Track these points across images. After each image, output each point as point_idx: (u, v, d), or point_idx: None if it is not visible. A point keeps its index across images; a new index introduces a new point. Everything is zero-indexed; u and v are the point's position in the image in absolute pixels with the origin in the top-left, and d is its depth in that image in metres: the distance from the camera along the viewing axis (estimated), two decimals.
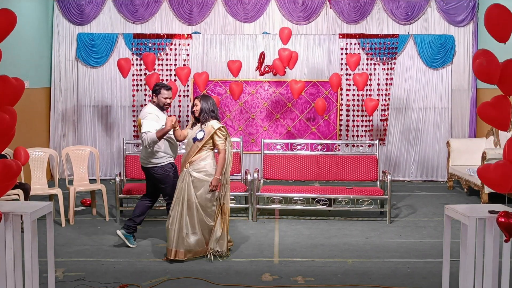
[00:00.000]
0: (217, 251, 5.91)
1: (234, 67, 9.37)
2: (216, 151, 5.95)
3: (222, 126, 5.91)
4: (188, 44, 10.21)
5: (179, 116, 10.25)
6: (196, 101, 5.97)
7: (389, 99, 10.26)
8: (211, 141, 5.88)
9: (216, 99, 9.41)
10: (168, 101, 6.20)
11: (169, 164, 6.17)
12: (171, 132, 6.02)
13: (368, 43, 10.16)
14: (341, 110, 10.24)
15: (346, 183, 8.36)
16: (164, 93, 6.14)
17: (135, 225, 6.36)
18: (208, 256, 5.92)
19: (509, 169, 3.90)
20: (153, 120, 5.98)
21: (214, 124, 5.87)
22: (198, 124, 5.97)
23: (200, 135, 5.85)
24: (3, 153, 6.86)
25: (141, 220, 6.41)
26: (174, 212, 5.84)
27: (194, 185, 5.82)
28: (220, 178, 5.86)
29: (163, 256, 6.00)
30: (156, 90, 6.16)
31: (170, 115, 6.17)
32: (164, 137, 5.97)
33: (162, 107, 6.19)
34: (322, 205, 7.61)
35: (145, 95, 10.24)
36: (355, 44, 10.19)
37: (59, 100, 10.39)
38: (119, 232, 6.33)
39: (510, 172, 3.90)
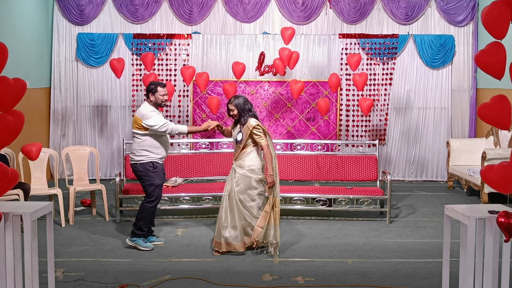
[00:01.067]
0: (274, 243, 6.03)
1: (238, 69, 9.33)
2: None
3: (257, 124, 5.99)
4: (188, 44, 10.21)
5: (179, 116, 10.25)
6: (231, 106, 6.10)
7: (388, 99, 10.27)
8: (250, 139, 6.03)
9: (217, 99, 9.41)
10: (166, 97, 6.28)
11: (149, 163, 6.17)
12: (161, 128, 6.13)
13: (368, 43, 10.16)
14: (341, 110, 10.24)
15: (346, 183, 8.37)
16: (161, 90, 6.21)
17: (148, 229, 6.42)
18: (269, 249, 6.04)
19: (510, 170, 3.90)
20: (157, 116, 6.11)
21: (250, 123, 5.99)
22: (239, 125, 6.13)
23: (239, 137, 6.06)
24: (2, 153, 6.87)
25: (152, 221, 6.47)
26: (221, 205, 6.13)
27: (236, 180, 6.02)
28: (273, 173, 6.03)
29: (163, 256, 6.02)
30: (152, 89, 6.21)
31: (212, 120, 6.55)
32: (151, 133, 6.13)
33: (160, 105, 6.25)
34: (322, 205, 7.61)
35: (145, 95, 10.21)
36: (355, 44, 10.19)
37: (59, 100, 10.39)
38: (152, 244, 6.36)
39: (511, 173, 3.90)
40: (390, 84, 10.25)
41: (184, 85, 10.04)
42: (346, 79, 10.11)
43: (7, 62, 8.77)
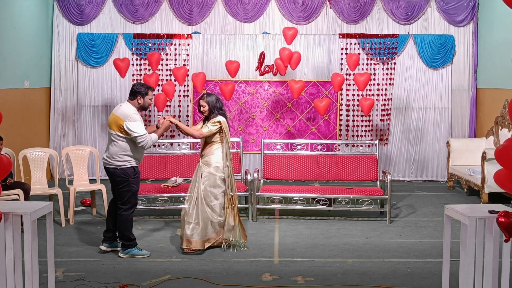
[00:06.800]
0: (231, 240, 6.16)
1: (232, 67, 9.36)
2: (223, 145, 6.17)
3: (219, 121, 6.05)
4: (188, 44, 10.21)
5: (179, 116, 10.25)
6: (203, 102, 6.17)
7: (389, 99, 10.26)
8: (217, 135, 6.13)
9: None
10: (152, 101, 6.18)
11: (131, 168, 5.91)
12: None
13: (368, 43, 10.16)
14: (341, 110, 10.24)
15: (346, 183, 8.37)
16: (151, 94, 6.07)
17: (114, 234, 6.19)
18: (222, 246, 6.18)
19: None
20: (141, 123, 5.88)
21: (216, 119, 6.09)
22: (207, 122, 6.20)
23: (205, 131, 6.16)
24: (2, 153, 6.87)
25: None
26: (189, 203, 6.14)
27: (203, 178, 6.08)
28: (173, 122, 6.07)
29: (163, 256, 6.03)
30: (142, 92, 5.97)
31: (164, 117, 6.15)
32: (129, 138, 5.86)
33: (146, 108, 6.10)
34: (322, 205, 7.61)
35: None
36: (355, 44, 10.19)
37: (59, 100, 10.39)
38: (122, 255, 6.05)
39: None
40: (391, 84, 10.25)
41: (185, 85, 10.04)
42: (346, 79, 10.10)
43: (7, 62, 8.75)
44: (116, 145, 5.88)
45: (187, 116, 10.23)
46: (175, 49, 10.21)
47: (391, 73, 10.24)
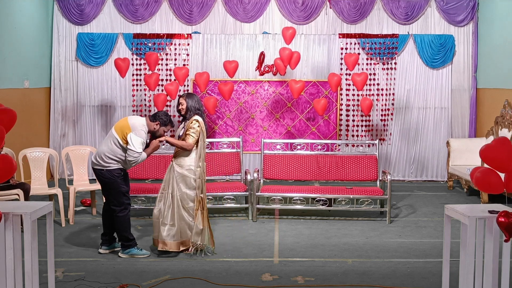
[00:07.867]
0: (199, 244, 5.99)
1: (231, 67, 9.36)
2: (198, 147, 6.04)
3: (196, 120, 5.98)
4: (188, 44, 10.21)
5: (179, 116, 10.23)
6: (182, 100, 6.12)
7: (392, 98, 10.26)
8: None
9: (214, 99, 9.43)
10: (163, 135, 6.17)
11: (118, 169, 5.93)
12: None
13: (368, 43, 10.16)
14: (341, 110, 10.24)
15: (346, 183, 8.37)
16: (167, 129, 6.10)
17: (111, 236, 6.20)
18: (190, 250, 6.02)
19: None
20: (143, 141, 5.86)
21: (192, 118, 6.02)
22: (184, 122, 6.17)
23: (181, 133, 6.10)
24: (3, 153, 6.88)
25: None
26: (162, 204, 6.03)
27: (176, 179, 5.98)
28: (163, 141, 6.03)
29: (163, 256, 6.02)
30: (162, 121, 6.00)
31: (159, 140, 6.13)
32: (125, 148, 5.87)
33: (155, 136, 6.07)
34: (322, 205, 7.61)
35: (145, 95, 10.24)
36: (355, 44, 10.19)
37: (59, 100, 10.39)
38: (122, 255, 6.06)
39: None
40: (391, 84, 10.24)
41: (185, 85, 10.05)
42: (346, 79, 10.11)
43: (7, 62, 8.74)
44: (109, 147, 5.90)
45: None
46: (175, 49, 10.21)
47: (391, 73, 10.24)
